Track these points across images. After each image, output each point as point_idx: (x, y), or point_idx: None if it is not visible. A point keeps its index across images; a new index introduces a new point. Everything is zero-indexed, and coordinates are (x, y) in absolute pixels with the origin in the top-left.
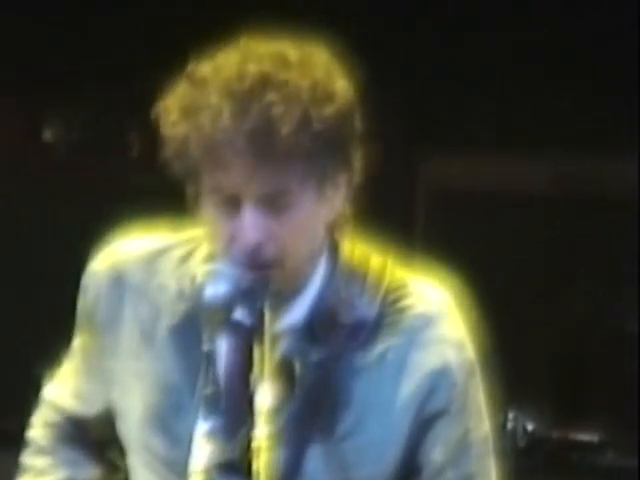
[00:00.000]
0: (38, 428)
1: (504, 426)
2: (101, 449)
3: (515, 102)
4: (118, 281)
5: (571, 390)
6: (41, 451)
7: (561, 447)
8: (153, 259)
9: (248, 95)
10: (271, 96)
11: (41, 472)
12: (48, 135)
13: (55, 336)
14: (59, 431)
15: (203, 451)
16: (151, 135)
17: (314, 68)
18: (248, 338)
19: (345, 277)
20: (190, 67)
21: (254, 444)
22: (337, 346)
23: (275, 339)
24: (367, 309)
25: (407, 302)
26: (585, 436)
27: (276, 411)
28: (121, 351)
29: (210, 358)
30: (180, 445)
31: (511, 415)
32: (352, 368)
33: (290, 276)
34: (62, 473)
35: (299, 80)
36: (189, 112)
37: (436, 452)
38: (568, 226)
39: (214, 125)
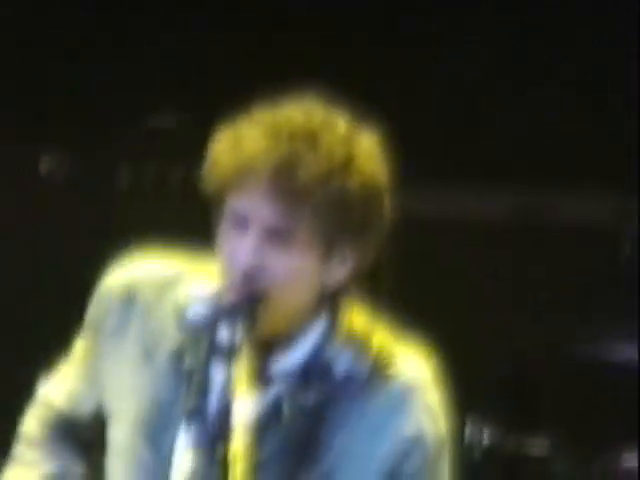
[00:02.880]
0: (31, 423)
1: (462, 440)
2: (88, 448)
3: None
4: (130, 299)
5: (524, 407)
6: (32, 444)
7: (514, 460)
8: (165, 285)
9: (286, 138)
10: (305, 147)
11: (30, 464)
12: (45, 168)
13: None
14: (50, 428)
15: (184, 460)
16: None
17: (357, 145)
18: (229, 358)
19: (342, 337)
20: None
21: (231, 454)
22: (327, 396)
23: (268, 380)
24: (358, 368)
25: (394, 369)
26: (537, 448)
27: (255, 431)
28: (121, 363)
29: (192, 375)
30: (165, 457)
31: (468, 430)
32: (336, 419)
33: (281, 322)
34: (50, 467)
35: (338, 148)
36: (234, 137)
37: None
38: (530, 254)
39: (247, 152)
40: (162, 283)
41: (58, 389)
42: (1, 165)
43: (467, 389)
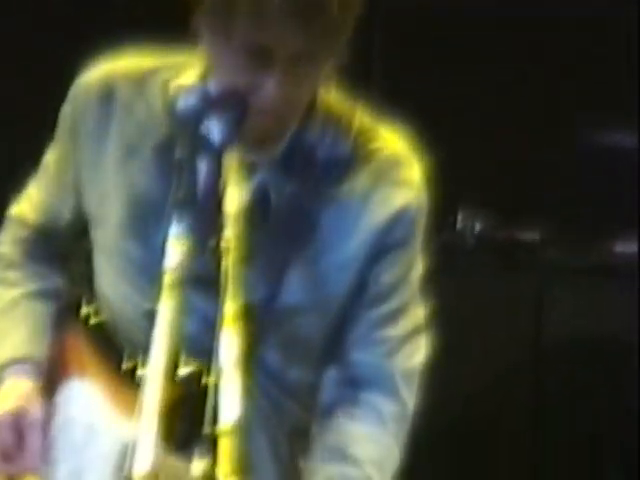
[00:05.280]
0: (7, 244)
1: (454, 226)
2: (64, 262)
3: None
4: (108, 95)
5: (515, 193)
6: (11, 265)
7: (507, 246)
8: (142, 78)
9: None
10: None
11: (13, 284)
12: None
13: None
14: (27, 246)
15: (176, 250)
16: None
17: None
18: (219, 149)
19: (321, 119)
20: None
21: (223, 245)
22: (311, 180)
23: (252, 168)
24: (341, 148)
25: (376, 144)
26: (528, 235)
27: (245, 219)
28: (105, 162)
29: (182, 165)
30: (154, 251)
31: (460, 216)
32: (322, 198)
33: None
34: (32, 285)
35: None
36: None
37: (385, 276)
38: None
39: None
40: (140, 76)
41: (31, 205)
42: None
43: (459, 178)
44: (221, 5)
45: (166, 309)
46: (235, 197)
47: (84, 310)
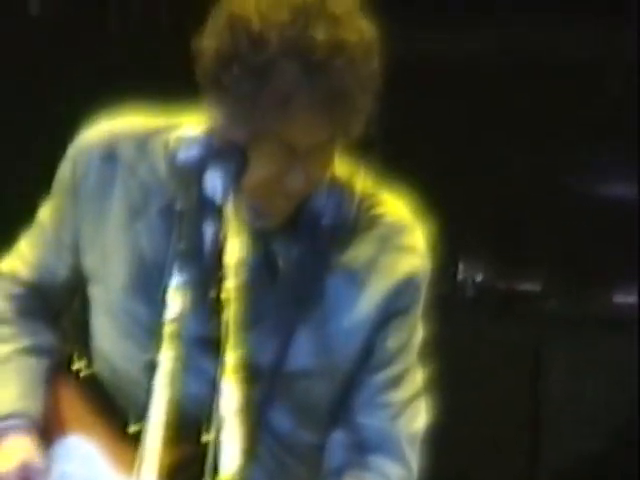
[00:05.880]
0: None
1: (455, 277)
2: (57, 318)
3: None
4: (111, 156)
5: (515, 244)
6: (4, 321)
7: (507, 296)
8: (146, 139)
9: (320, 64)
10: (339, 63)
11: (5, 340)
12: (34, 8)
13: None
14: (20, 302)
15: (176, 301)
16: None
17: (356, 20)
18: (219, 202)
19: (326, 185)
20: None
21: (223, 295)
22: (317, 245)
23: (260, 233)
24: (345, 214)
25: (379, 210)
26: (529, 286)
27: (251, 284)
28: (107, 222)
29: (183, 217)
30: (158, 309)
31: (461, 267)
32: (327, 265)
33: None
34: (25, 341)
35: (350, 37)
36: (254, 69)
37: (390, 341)
38: (516, 91)
39: (289, 92)
40: (143, 136)
41: (24, 262)
42: None
43: (459, 228)
44: (244, 96)
45: (166, 360)
46: (236, 249)
47: (76, 365)
